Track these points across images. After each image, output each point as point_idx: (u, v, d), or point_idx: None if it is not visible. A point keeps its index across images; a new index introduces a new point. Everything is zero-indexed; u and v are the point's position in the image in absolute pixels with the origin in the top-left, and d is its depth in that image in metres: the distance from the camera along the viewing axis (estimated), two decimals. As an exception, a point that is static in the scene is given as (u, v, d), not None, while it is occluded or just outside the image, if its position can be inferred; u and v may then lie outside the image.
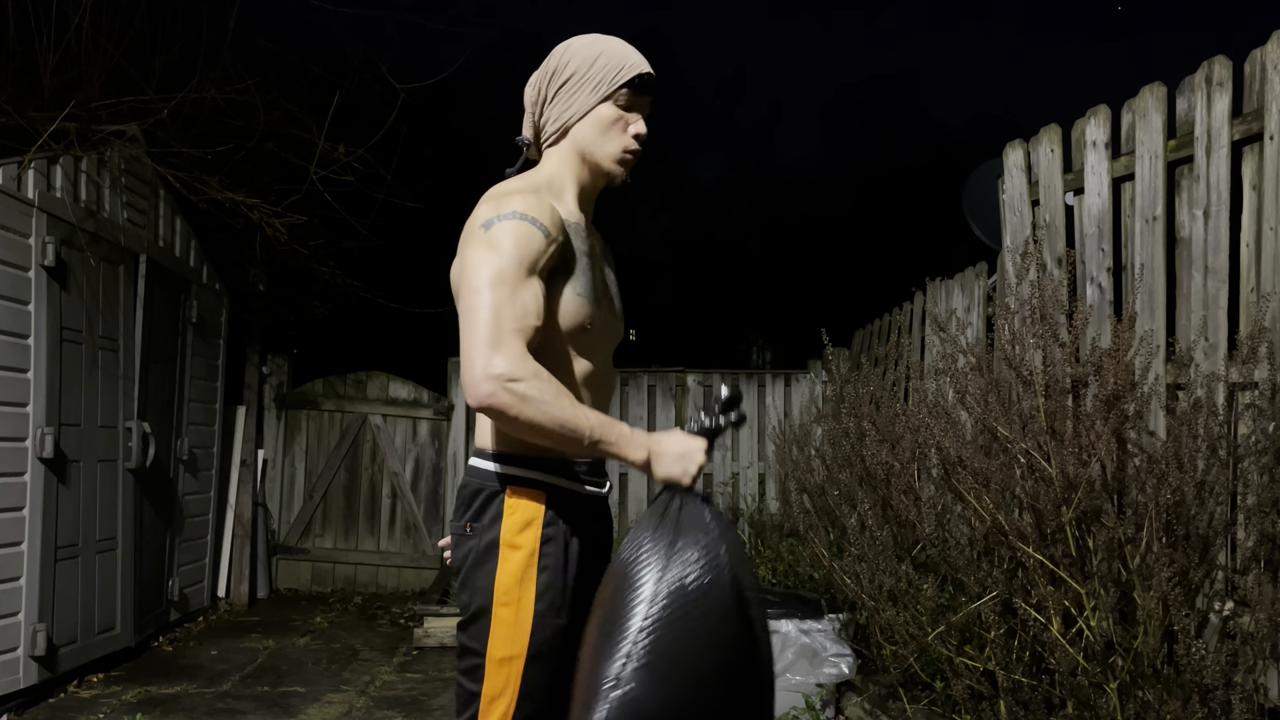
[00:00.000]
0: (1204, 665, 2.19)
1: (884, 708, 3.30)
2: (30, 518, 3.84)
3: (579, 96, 1.62)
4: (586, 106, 1.63)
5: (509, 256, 1.49)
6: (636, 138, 1.65)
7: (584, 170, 1.67)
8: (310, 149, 5.05)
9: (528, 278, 1.50)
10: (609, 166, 1.65)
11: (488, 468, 1.58)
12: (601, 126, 1.63)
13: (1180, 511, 2.41)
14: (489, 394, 1.41)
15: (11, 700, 3.73)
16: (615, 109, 1.63)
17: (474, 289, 1.47)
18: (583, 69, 1.62)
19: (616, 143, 1.64)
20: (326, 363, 7.02)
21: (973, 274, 4.43)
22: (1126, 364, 2.55)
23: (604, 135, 1.64)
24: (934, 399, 3.31)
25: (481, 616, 1.54)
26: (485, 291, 1.46)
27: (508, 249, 1.49)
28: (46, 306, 3.91)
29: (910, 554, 3.40)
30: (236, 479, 6.13)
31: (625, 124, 1.64)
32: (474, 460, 1.62)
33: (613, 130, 1.63)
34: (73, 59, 4.30)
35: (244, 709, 3.92)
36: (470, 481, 1.60)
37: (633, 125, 1.64)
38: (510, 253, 1.49)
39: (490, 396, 1.41)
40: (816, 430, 4.92)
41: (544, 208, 1.55)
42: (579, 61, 1.62)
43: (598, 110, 1.62)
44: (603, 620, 1.44)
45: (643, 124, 1.66)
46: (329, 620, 5.68)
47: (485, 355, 1.42)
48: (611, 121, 1.63)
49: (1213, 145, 2.75)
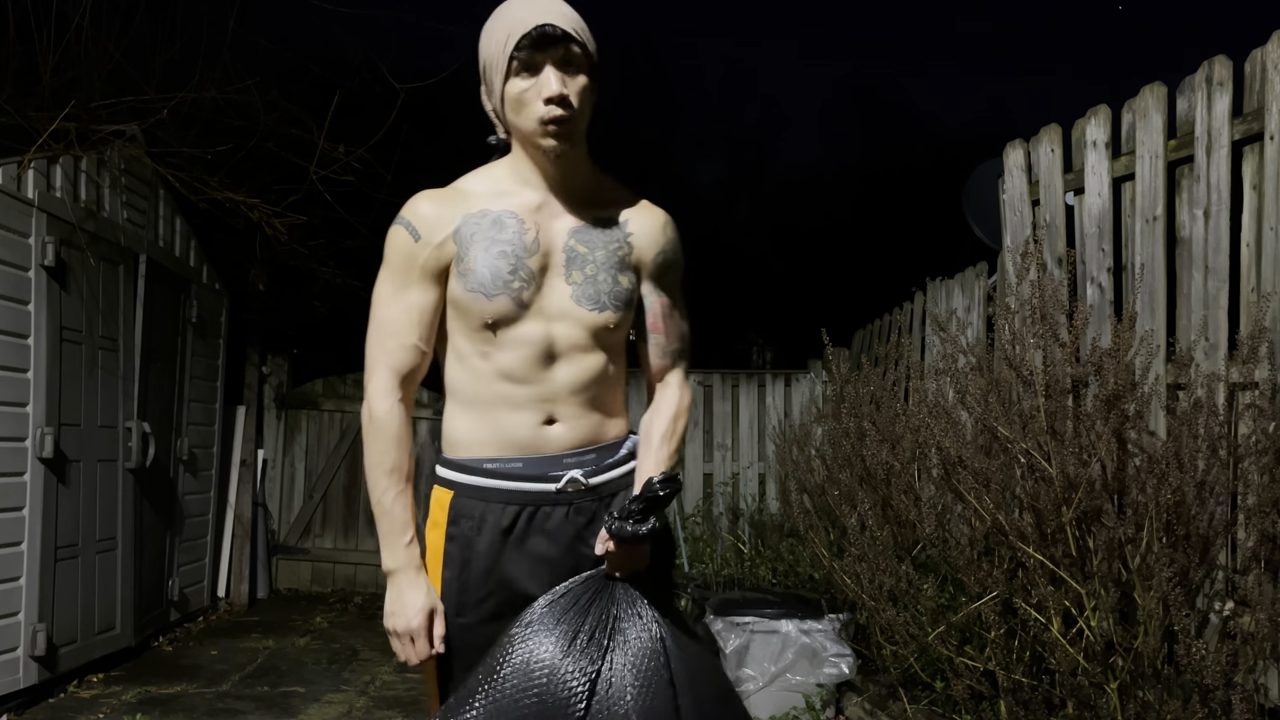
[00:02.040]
0: (1204, 665, 2.18)
1: (884, 708, 3.30)
2: (30, 518, 3.84)
3: (494, 85, 1.52)
4: (499, 92, 1.51)
5: (386, 268, 1.58)
6: (549, 101, 1.46)
7: (530, 152, 1.55)
8: (310, 149, 5.05)
9: (401, 290, 1.56)
10: (538, 143, 1.50)
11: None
12: (515, 106, 1.50)
13: (1180, 511, 2.41)
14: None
15: (11, 700, 3.73)
16: (520, 81, 1.48)
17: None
18: (488, 55, 1.52)
19: (532, 116, 1.48)
20: (326, 363, 7.01)
21: (973, 274, 4.43)
22: (1127, 364, 2.55)
23: (521, 114, 1.50)
24: (934, 399, 3.30)
25: None
26: (372, 309, 1.59)
27: (387, 258, 1.58)
28: (46, 306, 3.91)
29: (910, 554, 3.40)
30: (236, 479, 6.13)
31: (537, 91, 1.47)
32: None
33: (525, 104, 1.49)
34: (73, 59, 4.29)
35: (244, 709, 3.92)
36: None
37: (543, 89, 1.46)
38: (387, 263, 1.58)
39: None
40: (816, 430, 4.91)
41: (431, 205, 1.56)
42: (484, 49, 1.53)
43: (507, 92, 1.50)
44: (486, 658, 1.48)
45: (554, 82, 1.46)
46: (329, 620, 5.68)
47: (366, 380, 1.59)
48: (520, 96, 1.49)
49: (1213, 145, 2.75)
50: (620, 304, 1.59)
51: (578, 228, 1.58)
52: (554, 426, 1.57)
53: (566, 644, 1.44)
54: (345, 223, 5.59)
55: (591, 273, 1.57)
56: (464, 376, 1.58)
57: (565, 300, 1.56)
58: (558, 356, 1.56)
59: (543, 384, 1.55)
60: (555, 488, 1.55)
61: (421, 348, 1.58)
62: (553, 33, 1.45)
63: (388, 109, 5.15)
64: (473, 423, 1.58)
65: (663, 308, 1.67)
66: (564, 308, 1.55)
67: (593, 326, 1.57)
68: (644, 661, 1.44)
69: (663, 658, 1.45)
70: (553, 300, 1.55)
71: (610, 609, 1.49)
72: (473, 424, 1.58)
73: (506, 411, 1.55)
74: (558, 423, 1.57)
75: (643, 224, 1.63)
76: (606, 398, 1.62)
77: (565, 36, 1.46)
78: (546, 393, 1.56)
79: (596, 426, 1.60)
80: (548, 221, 1.57)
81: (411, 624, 1.51)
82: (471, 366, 1.57)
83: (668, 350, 1.69)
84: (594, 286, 1.57)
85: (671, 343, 1.69)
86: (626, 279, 1.60)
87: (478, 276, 1.52)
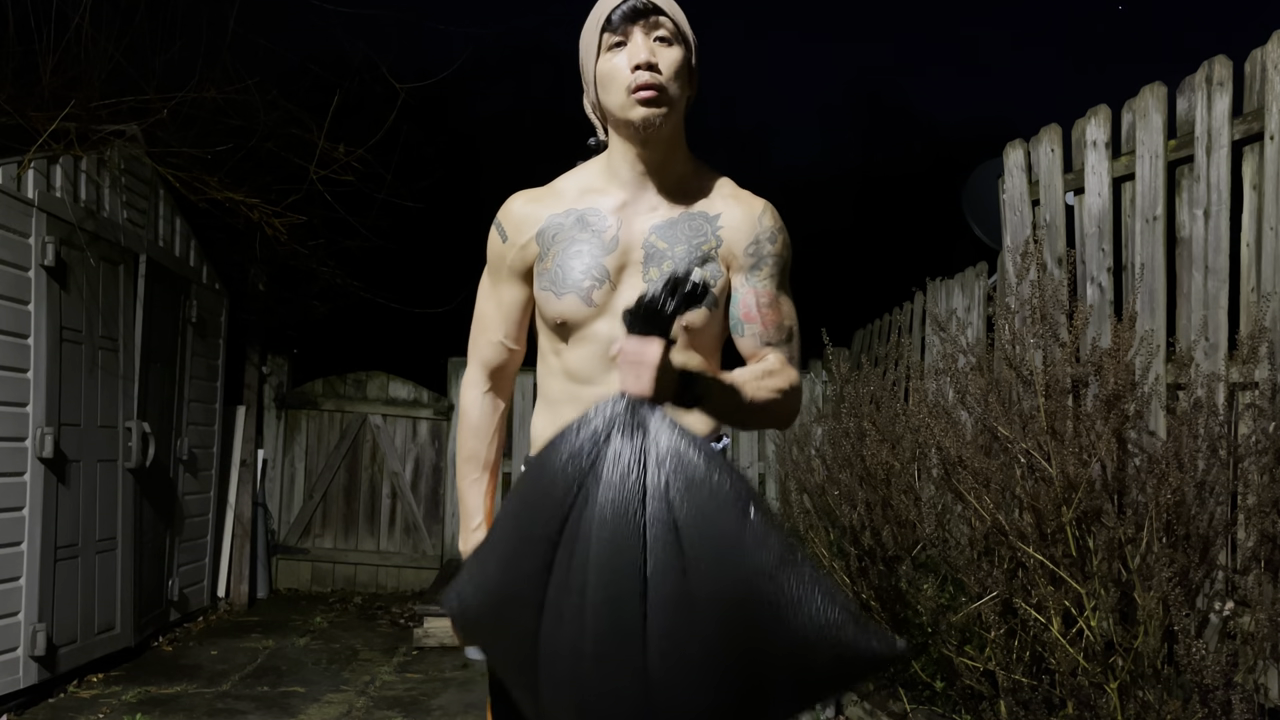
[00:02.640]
0: (1204, 665, 2.18)
1: (884, 708, 3.30)
2: (30, 518, 3.84)
3: (588, 70, 1.51)
4: (592, 75, 1.50)
5: (486, 266, 1.61)
6: (637, 68, 1.42)
7: (623, 139, 1.50)
8: (310, 149, 5.05)
9: (493, 288, 1.61)
10: (627, 116, 1.44)
11: None
12: (605, 82, 1.46)
13: (1180, 511, 2.41)
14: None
15: (11, 700, 3.73)
16: (611, 56, 1.46)
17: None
18: (583, 45, 1.52)
19: (620, 86, 1.44)
20: (326, 363, 7.01)
21: (973, 274, 4.43)
22: (1127, 364, 2.55)
23: (610, 89, 1.46)
24: (934, 399, 3.30)
25: None
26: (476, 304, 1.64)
27: (488, 256, 1.61)
28: (46, 306, 3.91)
29: (910, 554, 3.40)
30: (236, 479, 6.13)
31: (626, 59, 1.44)
32: None
33: (614, 77, 1.45)
34: (73, 59, 4.29)
35: (244, 709, 3.92)
36: None
37: (632, 57, 1.43)
38: (487, 261, 1.61)
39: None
40: (816, 430, 4.91)
41: (521, 206, 1.57)
42: (581, 44, 1.53)
43: (599, 71, 1.47)
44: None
45: (642, 49, 1.42)
46: (329, 620, 5.68)
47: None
48: (610, 70, 1.45)
49: (1213, 145, 2.75)
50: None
51: (661, 223, 1.52)
52: None
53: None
54: (345, 223, 5.60)
55: (668, 269, 1.49)
56: (542, 373, 1.60)
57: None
58: None
59: (610, 385, 1.45)
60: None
61: (509, 344, 1.62)
62: (642, 4, 1.44)
63: (388, 109, 5.15)
64: (545, 420, 1.58)
65: (758, 298, 1.54)
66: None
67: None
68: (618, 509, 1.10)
69: (638, 506, 1.10)
70: (627, 299, 1.46)
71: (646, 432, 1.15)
72: (545, 421, 1.58)
73: (573, 410, 1.47)
74: None
75: (735, 215, 1.54)
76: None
77: (654, 8, 1.45)
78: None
79: None
80: (631, 218, 1.52)
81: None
82: (549, 365, 1.58)
83: (766, 339, 1.54)
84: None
85: (770, 333, 1.55)
86: (710, 275, 1.51)
87: (550, 275, 1.51)
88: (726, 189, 1.58)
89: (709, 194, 1.55)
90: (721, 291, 1.53)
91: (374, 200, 5.63)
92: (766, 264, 1.55)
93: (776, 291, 1.57)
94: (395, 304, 6.25)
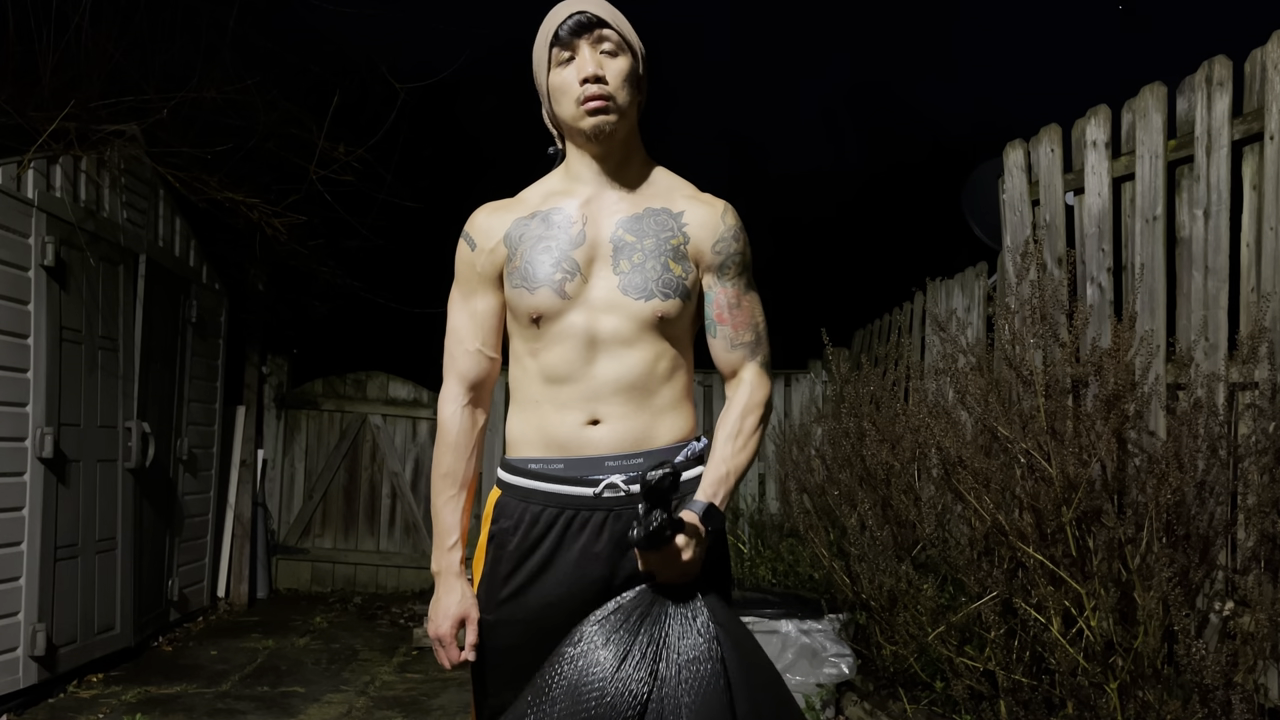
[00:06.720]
0: (1204, 665, 2.18)
1: (884, 708, 3.30)
2: (30, 518, 3.84)
3: (541, 83, 1.58)
4: (545, 90, 1.57)
5: (455, 279, 1.64)
6: (585, 81, 1.50)
7: (579, 145, 1.58)
8: (310, 149, 5.05)
9: (465, 300, 1.63)
10: (580, 126, 1.52)
11: None
12: (557, 95, 1.54)
13: (1180, 511, 2.41)
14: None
15: (11, 700, 3.73)
16: (560, 70, 1.53)
17: None
18: (534, 59, 1.59)
19: (570, 99, 1.52)
20: (326, 363, 7.01)
21: (973, 274, 4.43)
22: (1126, 364, 2.55)
23: (562, 102, 1.53)
24: (934, 399, 3.31)
25: None
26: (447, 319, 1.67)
27: (455, 270, 1.64)
28: (46, 306, 3.91)
29: (910, 554, 3.40)
30: (236, 479, 6.13)
31: (574, 74, 1.52)
32: None
33: (565, 90, 1.53)
34: (73, 59, 4.29)
35: (244, 709, 3.92)
36: None
37: (580, 71, 1.51)
38: (455, 274, 1.63)
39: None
40: (816, 430, 4.91)
41: (486, 216, 1.62)
42: (533, 59, 1.59)
43: (550, 85, 1.55)
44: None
45: (589, 63, 1.50)
46: (329, 620, 5.68)
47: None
48: (560, 84, 1.53)
49: (1213, 145, 2.75)
50: (670, 292, 1.53)
51: (626, 218, 1.56)
52: (597, 427, 1.53)
53: (617, 664, 1.38)
54: (345, 223, 5.59)
55: (639, 261, 1.53)
56: (517, 376, 1.61)
57: (612, 290, 1.53)
58: (601, 351, 1.52)
59: (586, 381, 1.53)
60: (593, 492, 1.51)
61: (486, 353, 1.63)
62: (586, 19, 1.51)
63: (388, 109, 5.15)
64: (522, 422, 1.59)
65: (728, 298, 1.60)
66: (610, 298, 1.52)
67: (640, 317, 1.52)
68: (696, 667, 1.39)
69: (717, 663, 1.40)
70: (599, 291, 1.53)
71: (662, 622, 1.43)
72: (522, 423, 1.59)
73: (551, 410, 1.55)
74: (601, 423, 1.53)
75: (700, 214, 1.58)
76: (659, 397, 1.55)
77: (598, 21, 1.51)
78: (589, 391, 1.52)
79: (645, 429, 1.54)
80: (597, 214, 1.56)
81: (440, 629, 1.56)
82: (523, 366, 1.59)
83: (737, 342, 1.61)
84: (641, 275, 1.52)
85: (741, 334, 1.61)
86: (680, 268, 1.54)
87: (521, 273, 1.54)
88: (687, 190, 1.64)
89: (670, 194, 1.62)
90: (694, 285, 1.59)
91: (374, 200, 5.63)
92: (734, 262, 1.61)
93: (744, 290, 1.63)
94: (395, 304, 6.25)
